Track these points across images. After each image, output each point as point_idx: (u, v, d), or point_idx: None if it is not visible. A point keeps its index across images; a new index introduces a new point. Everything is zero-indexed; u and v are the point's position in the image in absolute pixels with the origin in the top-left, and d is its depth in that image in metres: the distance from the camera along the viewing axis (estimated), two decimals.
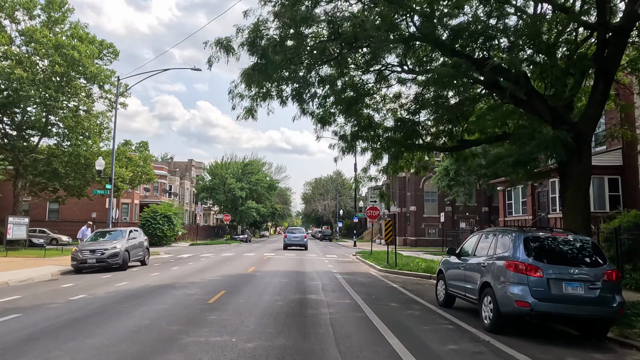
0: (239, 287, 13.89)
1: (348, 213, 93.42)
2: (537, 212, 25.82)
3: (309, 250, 38.84)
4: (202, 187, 66.33)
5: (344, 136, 18.72)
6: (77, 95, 29.87)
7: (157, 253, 31.40)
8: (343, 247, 49.27)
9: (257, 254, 30.75)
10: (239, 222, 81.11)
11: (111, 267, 18.62)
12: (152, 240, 45.71)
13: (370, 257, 26.31)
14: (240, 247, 42.15)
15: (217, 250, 36.25)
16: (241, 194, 63.68)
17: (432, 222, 53.17)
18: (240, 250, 36.57)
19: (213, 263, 23.19)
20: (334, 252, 36.29)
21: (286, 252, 34.67)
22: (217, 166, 67.35)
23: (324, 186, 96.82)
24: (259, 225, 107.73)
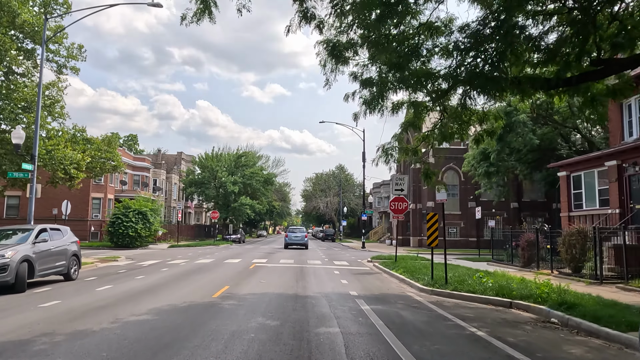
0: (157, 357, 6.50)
1: (352, 211, 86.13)
2: (630, 204, 18.52)
3: (311, 254, 31.66)
4: (189, 181, 59.06)
5: (369, 80, 11.98)
6: (5, 50, 22.52)
7: (116, 258, 24.17)
8: (351, 250, 41.93)
9: (243, 261, 23.46)
10: (232, 221, 73.92)
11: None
12: (123, 242, 38.57)
13: (398, 267, 19.02)
14: (228, 250, 34.88)
15: (196, 254, 28.98)
16: (233, 189, 56.41)
17: (453, 219, 45.89)
18: (226, 254, 29.26)
19: (173, 277, 15.89)
20: (343, 257, 28.97)
21: (282, 256, 27.48)
22: (207, 158, 60.06)
23: (325, 182, 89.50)
24: (256, 224, 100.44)
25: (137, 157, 56.15)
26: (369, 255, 30.74)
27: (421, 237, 48.43)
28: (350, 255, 31.75)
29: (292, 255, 29.65)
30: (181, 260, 23.77)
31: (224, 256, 26.90)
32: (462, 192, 45.94)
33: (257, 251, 33.93)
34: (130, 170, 53.26)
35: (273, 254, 30.59)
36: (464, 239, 45.48)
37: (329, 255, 30.21)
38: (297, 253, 32.07)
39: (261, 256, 27.34)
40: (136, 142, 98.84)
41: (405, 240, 50.61)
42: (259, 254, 29.99)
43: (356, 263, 24.15)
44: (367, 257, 28.48)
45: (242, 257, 25.88)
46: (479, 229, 45.68)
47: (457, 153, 46.88)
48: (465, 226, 45.58)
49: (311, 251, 35.82)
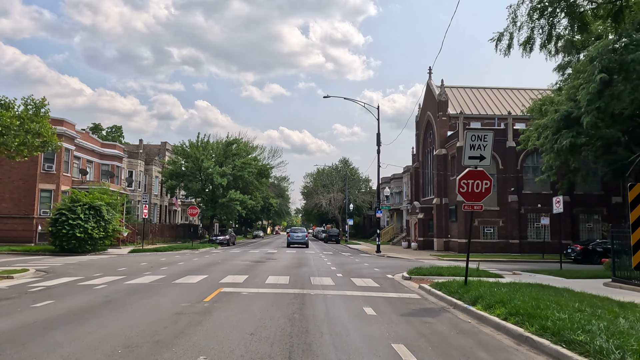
0: None
1: (357, 209, 77.17)
2: None
3: (315, 262, 22.83)
4: (169, 173, 50.18)
5: None
6: None
7: (13, 274, 15.40)
8: (364, 255, 33.04)
9: (206, 280, 14.59)
10: (221, 219, 65.06)
11: None
12: (69, 245, 29.73)
13: (489, 301, 9.95)
14: (202, 257, 26.07)
15: (152, 264, 20.17)
16: (221, 182, 47.55)
17: (490, 216, 37.03)
18: (191, 265, 20.41)
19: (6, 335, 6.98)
20: (362, 270, 20.06)
21: (273, 268, 18.66)
22: (191, 146, 51.16)
23: (328, 176, 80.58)
24: (251, 223, 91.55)
25: (107, 143, 47.29)
26: (396, 265, 21.90)
27: (448, 238, 39.56)
28: (369, 265, 22.83)
29: (288, 265, 20.80)
30: (110, 278, 14.91)
31: (184, 270, 17.98)
32: (501, 183, 37.12)
33: (240, 259, 25.04)
34: (97, 158, 44.44)
35: (261, 264, 21.70)
36: (504, 240, 36.67)
37: (341, 266, 21.32)
38: (294, 262, 23.22)
39: (241, 269, 18.43)
40: (121, 134, 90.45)
41: (427, 242, 41.76)
42: (240, 264, 21.05)
43: (388, 282, 15.26)
44: (396, 270, 19.65)
45: (211, 272, 16.97)
46: (521, 228, 36.86)
47: (496, 134, 37.94)
48: (505, 225, 36.78)
49: (314, 257, 27.05)
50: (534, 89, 47.34)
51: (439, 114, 41.35)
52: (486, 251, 36.03)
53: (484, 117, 41.60)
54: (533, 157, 37.98)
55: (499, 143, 37.45)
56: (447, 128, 41.18)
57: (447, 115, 41.22)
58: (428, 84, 46.03)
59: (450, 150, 39.49)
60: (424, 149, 47.23)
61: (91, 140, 43.65)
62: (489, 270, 17.71)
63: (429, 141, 45.99)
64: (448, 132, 40.93)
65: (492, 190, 34.06)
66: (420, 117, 48.41)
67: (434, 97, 43.13)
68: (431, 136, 45.07)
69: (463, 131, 37.38)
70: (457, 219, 37.48)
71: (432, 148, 44.79)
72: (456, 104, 43.07)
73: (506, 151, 37.30)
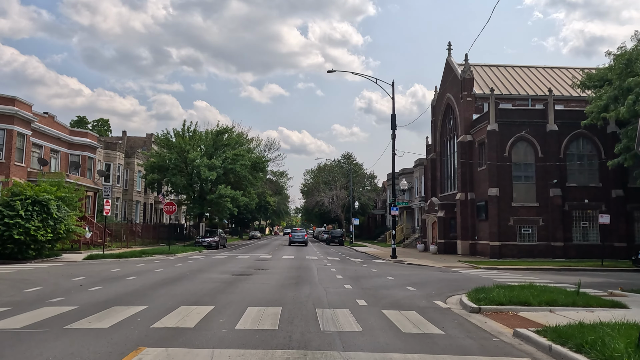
0: None
1: (362, 208, 70.85)
2: None
3: (321, 274, 16.47)
4: (150, 165, 43.91)
5: None
6: None
7: None
8: (379, 263, 26.83)
9: (124, 329, 8.38)
10: (212, 218, 58.96)
11: None
12: (4, 251, 23.61)
13: None
14: (169, 269, 19.85)
15: (85, 283, 13.95)
16: (209, 175, 41.32)
17: (528, 214, 30.82)
18: (139, 285, 14.10)
19: None
20: (396, 296, 13.62)
21: (257, 292, 12.45)
22: (176, 135, 44.91)
23: (329, 172, 74.31)
24: (247, 223, 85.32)
25: (77, 130, 40.96)
26: (429, 279, 15.64)
27: (475, 240, 33.34)
28: (394, 279, 16.53)
29: (282, 282, 14.56)
30: None
31: (120, 293, 11.71)
32: (540, 174, 30.94)
33: (220, 270, 18.79)
34: (65, 147, 38.18)
35: (244, 280, 15.43)
36: (544, 243, 30.46)
37: (357, 281, 15.09)
38: (292, 275, 16.98)
39: (209, 292, 12.11)
40: (108, 128, 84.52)
41: (448, 245, 35.53)
42: (214, 281, 14.72)
43: (451, 322, 8.98)
44: (437, 287, 13.43)
45: (157, 299, 10.69)
46: (565, 228, 30.67)
47: (532, 116, 31.82)
48: (545, 224, 30.58)
49: (317, 265, 20.80)
50: (570, 68, 41.15)
51: (462, 94, 35.13)
52: (523, 256, 29.85)
53: (515, 97, 35.39)
54: (579, 142, 31.78)
55: (537, 126, 31.30)
56: (472, 110, 34.97)
57: (472, 95, 35.02)
58: (448, 61, 39.83)
59: (478, 136, 33.28)
60: (442, 137, 41.02)
61: (56, 126, 37.37)
62: (566, 289, 11.51)
63: (448, 128, 39.79)
64: (474, 116, 34.73)
65: (530, 183, 27.93)
66: (437, 100, 42.20)
67: (456, 75, 36.93)
68: (452, 121, 38.87)
69: (495, 112, 31.23)
70: (487, 217, 31.24)
71: (452, 135, 38.59)
72: (482, 83, 36.86)
73: (546, 136, 31.12)
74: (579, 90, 36.03)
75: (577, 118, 31.72)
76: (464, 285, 14.59)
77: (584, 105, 35.10)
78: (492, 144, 31.00)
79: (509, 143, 31.07)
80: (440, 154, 41.11)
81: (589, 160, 31.48)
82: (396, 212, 30.50)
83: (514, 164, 31.13)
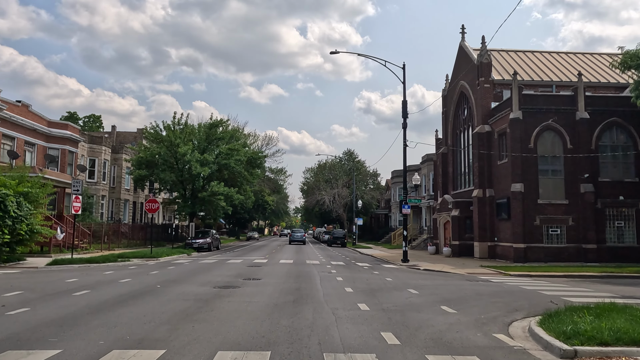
0: None
1: (364, 207, 67.32)
2: None
3: (328, 300, 12.76)
4: (138, 160, 40.42)
5: None
6: None
7: None
8: (390, 268, 23.39)
9: None
10: (204, 218, 55.55)
11: None
12: None
13: None
14: (138, 279, 16.40)
15: (8, 303, 10.49)
16: (201, 171, 37.89)
17: (556, 212, 27.39)
18: (80, 306, 10.61)
19: None
20: (437, 324, 10.11)
21: (235, 322, 9.03)
22: (166, 128, 41.45)
23: (330, 170, 70.86)
24: (245, 223, 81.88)
25: (55, 122, 37.49)
26: (465, 293, 12.14)
27: (494, 242, 29.91)
28: (419, 293, 13.06)
29: (274, 300, 11.09)
30: None
31: (35, 323, 8.28)
32: (569, 167, 27.53)
33: (201, 280, 15.35)
34: (42, 140, 34.82)
35: (225, 296, 11.96)
36: (574, 245, 27.04)
37: (372, 296, 11.67)
38: (288, 288, 13.53)
39: (168, 321, 8.61)
40: (100, 124, 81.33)
41: (464, 247, 32.10)
42: (186, 299, 11.18)
43: None
44: (480, 305, 9.98)
45: (71, 342, 7.26)
46: (598, 229, 27.25)
47: (560, 103, 28.38)
48: (575, 224, 27.16)
49: (320, 272, 17.39)
50: (595, 53, 37.76)
51: (479, 79, 31.70)
52: (551, 260, 26.43)
53: (537, 84, 31.97)
54: (612, 132, 28.39)
55: (565, 114, 27.88)
56: (490, 98, 31.54)
57: (490, 81, 31.59)
58: (461, 46, 36.43)
59: (498, 126, 29.85)
60: (455, 130, 37.60)
61: (31, 116, 33.96)
62: None
63: (461, 118, 36.38)
64: (492, 104, 31.31)
65: (558, 177, 24.51)
66: (449, 90, 38.76)
67: (471, 60, 33.53)
68: (466, 111, 35.46)
69: (518, 98, 27.80)
70: (509, 216, 27.82)
71: (467, 126, 35.16)
72: (501, 69, 33.45)
73: (576, 125, 27.70)
74: (612, 75, 32.55)
75: (611, 105, 28.36)
76: (514, 302, 11.19)
77: (615, 92, 31.81)
78: (515, 134, 27.56)
79: (534, 133, 27.63)
80: (452, 147, 37.67)
81: (623, 151, 28.05)
82: (408, 211, 27.02)
83: (539, 156, 27.68)
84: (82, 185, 22.11)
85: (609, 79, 32.59)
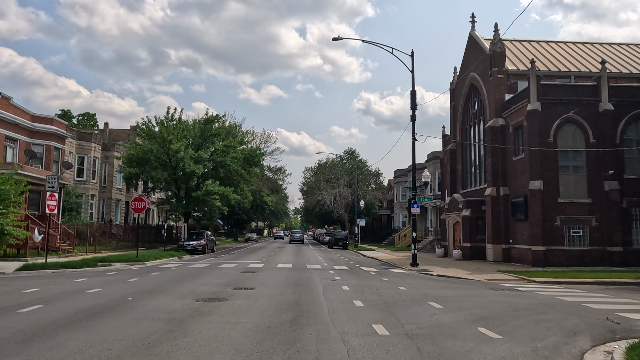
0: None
1: (366, 208, 65.11)
2: None
3: (336, 322, 10.72)
4: (128, 158, 38.20)
5: None
6: None
7: None
8: (400, 274, 21.17)
9: None
10: (199, 218, 53.36)
11: None
12: None
13: None
14: (103, 291, 14.17)
15: None
16: (195, 169, 35.68)
17: (578, 212, 25.18)
18: None
19: None
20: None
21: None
22: (159, 124, 39.23)
23: (331, 169, 68.65)
24: (243, 224, 79.64)
25: (40, 116, 35.21)
26: (504, 312, 9.79)
27: (510, 244, 27.72)
28: (447, 310, 10.76)
29: (267, 321, 8.90)
30: None
31: None
32: (592, 163, 25.35)
33: (180, 292, 13.11)
34: (25, 136, 32.55)
35: (206, 314, 9.71)
36: (598, 248, 24.83)
37: (393, 319, 9.43)
38: (284, 303, 11.29)
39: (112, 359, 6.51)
40: (95, 123, 79.33)
41: (476, 249, 29.89)
42: (143, 326, 8.97)
43: None
44: (544, 336, 7.69)
45: None
46: (624, 230, 25.04)
47: (582, 93, 26.17)
48: (599, 225, 24.96)
49: (322, 279, 15.16)
50: (614, 44, 35.57)
51: (492, 70, 29.50)
52: (573, 264, 24.25)
53: (555, 74, 29.76)
54: (638, 125, 26.21)
55: (588, 105, 25.70)
56: (504, 89, 29.35)
57: (504, 72, 29.40)
58: (471, 36, 34.26)
59: (513, 119, 27.64)
60: (464, 125, 35.40)
61: (13, 109, 31.72)
62: None
63: (471, 113, 34.19)
64: (506, 96, 29.12)
65: (580, 174, 22.10)
66: (457, 83, 36.57)
67: (483, 50, 31.36)
68: (476, 105, 33.27)
69: (537, 89, 25.60)
70: (526, 216, 25.61)
71: (478, 121, 32.97)
72: (515, 59, 31.27)
73: (599, 117, 25.53)
74: (635, 65, 30.42)
75: (637, 96, 26.19)
76: (564, 320, 9.00)
77: (637, 83, 29.64)
78: (534, 127, 25.36)
79: (553, 126, 25.43)
80: (461, 143, 35.47)
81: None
82: (417, 210, 24.79)
83: (560, 151, 25.48)
84: (58, 182, 19.86)
85: (631, 70, 30.41)
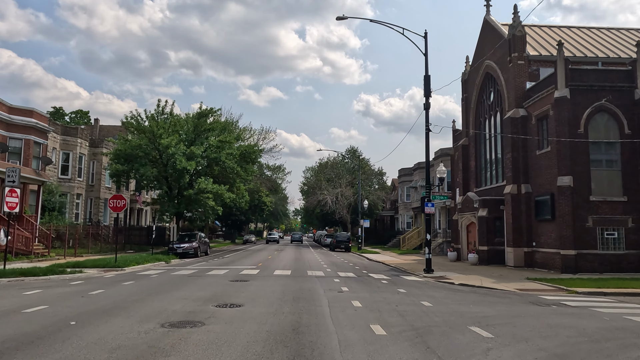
0: None
1: (369, 208, 62.30)
2: None
3: None
4: (115, 154, 35.44)
5: None
6: None
7: None
8: (415, 282, 18.38)
9: None
10: (193, 219, 50.58)
11: None
12: None
13: None
14: (43, 311, 11.28)
15: None
16: (186, 166, 32.93)
17: (613, 212, 22.38)
18: None
19: None
20: None
21: None
22: (149, 118, 36.48)
23: (332, 168, 65.91)
24: (241, 225, 76.85)
25: (18, 108, 32.42)
26: (579, 345, 7.04)
27: (533, 248, 24.94)
28: (504, 344, 8.09)
29: None
30: None
31: None
32: (628, 157, 22.60)
33: (141, 314, 10.32)
34: (2, 129, 29.88)
35: (169, 355, 6.95)
36: (636, 251, 22.05)
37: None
38: (280, 344, 8.52)
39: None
40: (88, 121, 76.56)
41: (493, 253, 27.13)
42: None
43: None
44: None
45: None
46: None
47: (615, 79, 23.40)
48: (636, 226, 22.18)
49: (326, 289, 12.44)
50: (633, 29, 32.86)
51: (512, 55, 26.77)
52: (607, 270, 21.48)
53: (581, 60, 26.99)
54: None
55: (621, 94, 22.95)
56: (525, 77, 26.63)
57: (524, 57, 26.67)
58: (486, 20, 31.54)
59: (536, 109, 24.89)
60: (478, 118, 32.65)
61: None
62: None
63: (487, 104, 31.44)
64: (527, 84, 26.40)
65: (614, 169, 19.22)
66: (470, 72, 33.82)
67: (500, 35, 28.65)
68: (493, 95, 30.52)
69: (565, 74, 22.85)
70: (553, 216, 22.85)
71: (495, 112, 30.21)
72: (536, 45, 28.56)
73: (635, 106, 22.78)
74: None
75: None
76: None
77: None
78: (562, 116, 22.59)
79: (584, 115, 22.67)
80: (475, 138, 32.71)
81: None
82: (432, 210, 22.00)
83: (591, 143, 22.72)
84: (19, 176, 17.05)
85: None
